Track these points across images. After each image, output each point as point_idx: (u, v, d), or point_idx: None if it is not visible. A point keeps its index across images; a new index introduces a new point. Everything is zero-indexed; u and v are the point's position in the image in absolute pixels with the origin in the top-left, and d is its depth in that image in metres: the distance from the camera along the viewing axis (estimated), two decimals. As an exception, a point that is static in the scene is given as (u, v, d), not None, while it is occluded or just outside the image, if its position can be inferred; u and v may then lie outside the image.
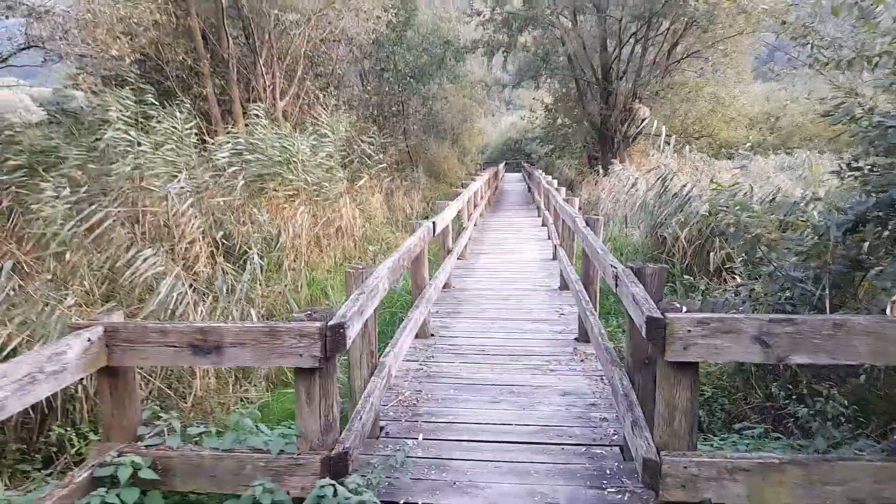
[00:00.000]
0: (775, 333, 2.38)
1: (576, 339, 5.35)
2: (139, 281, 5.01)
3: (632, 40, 19.52)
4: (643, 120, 17.19)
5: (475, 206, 12.56)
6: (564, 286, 7.23)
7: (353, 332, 2.73)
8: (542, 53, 22.17)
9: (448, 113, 27.66)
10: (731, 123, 20.59)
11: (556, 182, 12.05)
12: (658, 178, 7.42)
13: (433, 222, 5.41)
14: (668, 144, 9.15)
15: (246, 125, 9.54)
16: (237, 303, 5.32)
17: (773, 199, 6.65)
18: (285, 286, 6.68)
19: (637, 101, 19.35)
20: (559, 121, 25.84)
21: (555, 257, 9.39)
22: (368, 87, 18.95)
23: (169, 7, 9.26)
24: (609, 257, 3.56)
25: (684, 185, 6.97)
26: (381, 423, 3.72)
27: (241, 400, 4.55)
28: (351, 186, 10.84)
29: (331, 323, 2.55)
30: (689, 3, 15.35)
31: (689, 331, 2.42)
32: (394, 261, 3.68)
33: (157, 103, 8.10)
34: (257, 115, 9.41)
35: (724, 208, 3.96)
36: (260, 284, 6.35)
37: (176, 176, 7.11)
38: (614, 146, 20.73)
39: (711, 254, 5.64)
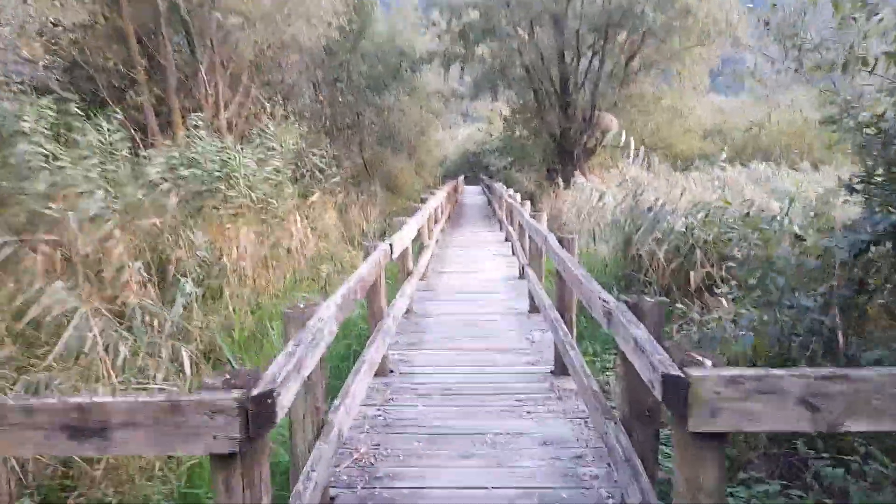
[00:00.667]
0: (826, 394, 1.88)
1: (551, 371, 4.83)
2: (48, 319, 4.24)
3: (589, 52, 19.43)
4: (603, 133, 16.92)
5: (436, 222, 12.02)
6: (534, 308, 6.73)
7: (287, 398, 2.13)
8: (499, 65, 21.94)
9: (404, 125, 27.20)
10: (687, 135, 20.66)
11: (518, 196, 11.61)
12: (629, 192, 7.01)
13: (391, 244, 4.83)
14: (637, 156, 8.80)
15: (186, 137, 8.76)
16: (166, 340, 4.59)
17: (748, 213, 6.31)
18: (224, 317, 5.96)
19: (596, 111, 19.22)
20: (517, 133, 25.65)
21: (521, 275, 8.91)
22: (321, 98, 18.25)
23: (96, 7, 8.40)
24: (596, 287, 3.04)
25: (658, 199, 6.56)
26: (332, 493, 3.09)
27: (169, 459, 3.84)
28: (302, 202, 10.15)
29: (255, 392, 1.93)
30: (646, 14, 15.26)
31: (718, 392, 1.89)
32: (343, 295, 3.07)
33: (80, 113, 7.28)
34: (196, 126, 8.64)
35: (732, 229, 3.51)
36: (196, 315, 5.63)
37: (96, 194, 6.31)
38: (574, 158, 20.57)
39: (692, 273, 5.23)
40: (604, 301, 2.71)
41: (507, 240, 13.02)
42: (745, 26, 16.68)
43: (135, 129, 9.19)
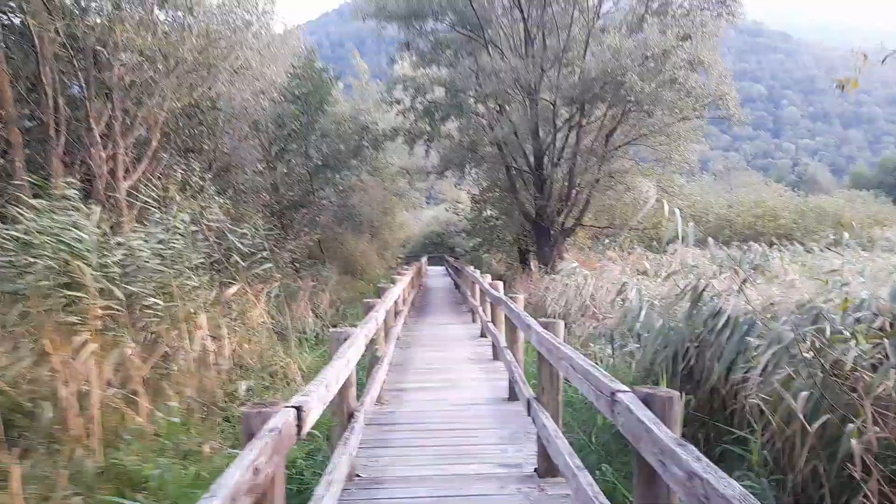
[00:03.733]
0: None
1: None
2: None
3: (566, 126, 17.97)
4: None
5: (396, 315, 9.64)
6: (549, 470, 4.28)
7: None
8: (467, 142, 20.39)
9: (367, 205, 25.32)
10: (671, 216, 19.02)
11: (501, 285, 9.34)
12: (688, 283, 4.78)
13: (298, 408, 2.39)
14: (687, 234, 6.50)
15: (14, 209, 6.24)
16: None
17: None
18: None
19: (574, 190, 17.51)
20: (487, 212, 23.89)
21: (512, 396, 6.53)
22: (265, 170, 16.03)
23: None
24: None
25: (771, 302, 4.21)
26: None
27: None
28: (220, 295, 7.67)
29: None
30: (633, 85, 13.80)
31: None
32: None
33: None
34: (65, 198, 6.22)
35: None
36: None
37: None
38: (551, 239, 18.66)
39: (851, 442, 2.87)
40: None
41: (482, 335, 10.72)
42: (735, 99, 15.44)
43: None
